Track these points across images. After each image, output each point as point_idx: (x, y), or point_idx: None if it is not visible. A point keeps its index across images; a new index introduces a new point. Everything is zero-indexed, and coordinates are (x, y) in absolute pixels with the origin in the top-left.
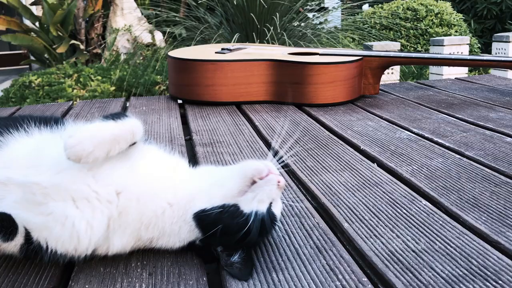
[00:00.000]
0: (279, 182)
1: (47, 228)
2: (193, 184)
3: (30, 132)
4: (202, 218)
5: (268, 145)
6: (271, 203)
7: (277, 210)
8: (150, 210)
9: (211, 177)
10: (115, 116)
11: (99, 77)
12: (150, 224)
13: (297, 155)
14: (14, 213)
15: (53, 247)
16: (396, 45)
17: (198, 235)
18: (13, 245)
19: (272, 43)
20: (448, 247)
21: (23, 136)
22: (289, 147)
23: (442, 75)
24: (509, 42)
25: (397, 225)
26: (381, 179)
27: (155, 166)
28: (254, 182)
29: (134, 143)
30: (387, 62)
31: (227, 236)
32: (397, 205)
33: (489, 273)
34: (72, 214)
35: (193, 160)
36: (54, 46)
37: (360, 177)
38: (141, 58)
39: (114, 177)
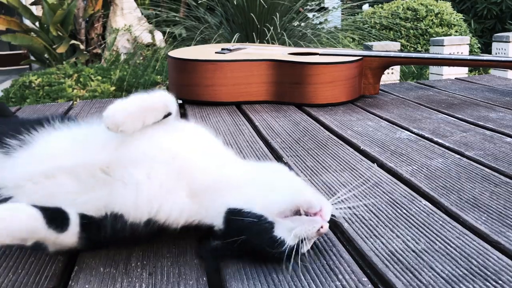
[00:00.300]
0: (321, 227)
1: (108, 195)
2: (244, 176)
3: (58, 128)
4: (232, 218)
5: (268, 145)
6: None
7: (304, 248)
8: (199, 180)
9: (261, 179)
10: (149, 91)
11: (99, 77)
12: (196, 193)
13: (297, 156)
14: (70, 204)
15: (113, 209)
16: (396, 45)
17: (218, 224)
18: (70, 236)
19: (272, 43)
20: (448, 247)
21: (52, 132)
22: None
23: (442, 75)
24: (509, 42)
25: (397, 225)
26: (381, 179)
27: (207, 143)
28: (298, 211)
29: (170, 114)
30: (387, 62)
31: (245, 246)
32: (397, 205)
33: (489, 273)
34: (132, 172)
35: None
36: (54, 46)
37: (360, 177)
38: (141, 58)
39: (168, 145)
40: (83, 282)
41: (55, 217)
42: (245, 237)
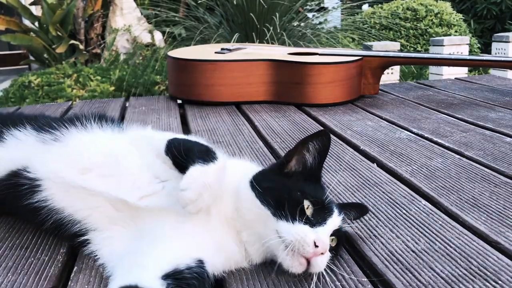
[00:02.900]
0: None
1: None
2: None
3: (90, 129)
4: None
5: (267, 145)
6: None
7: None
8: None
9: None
10: (209, 155)
11: (99, 77)
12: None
13: None
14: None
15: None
16: (396, 45)
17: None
18: None
19: (272, 43)
20: (448, 247)
21: (82, 132)
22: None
23: (442, 75)
24: (509, 42)
25: (397, 225)
26: (381, 179)
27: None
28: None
29: None
30: (387, 62)
31: None
32: (397, 205)
33: (488, 273)
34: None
35: None
36: (53, 46)
37: (360, 177)
38: (141, 58)
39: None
40: (82, 283)
41: None
42: None
